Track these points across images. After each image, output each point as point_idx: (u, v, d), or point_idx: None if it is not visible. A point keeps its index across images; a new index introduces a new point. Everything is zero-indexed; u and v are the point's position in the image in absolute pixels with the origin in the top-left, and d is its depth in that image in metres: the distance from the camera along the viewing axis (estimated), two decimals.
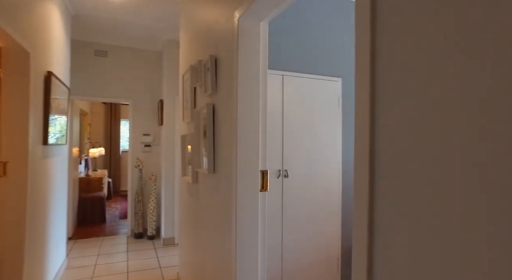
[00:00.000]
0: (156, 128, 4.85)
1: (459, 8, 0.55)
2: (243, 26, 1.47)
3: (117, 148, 8.27)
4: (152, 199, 4.42)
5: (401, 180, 0.66)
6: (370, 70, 0.72)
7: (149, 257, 3.76)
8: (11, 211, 2.03)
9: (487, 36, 0.51)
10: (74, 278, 3.16)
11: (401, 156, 0.66)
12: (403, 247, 0.65)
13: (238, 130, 1.47)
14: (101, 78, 4.55)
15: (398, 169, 0.67)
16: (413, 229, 0.63)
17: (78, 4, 3.36)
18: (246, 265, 1.52)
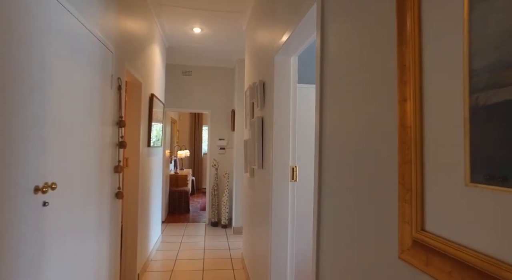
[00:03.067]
0: (229, 134, 5.71)
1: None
2: (278, 61, 2.05)
3: (199, 151, 9.56)
4: (225, 193, 5.26)
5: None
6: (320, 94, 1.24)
7: (221, 241, 4.56)
8: (130, 193, 2.97)
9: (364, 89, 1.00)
10: (167, 247, 4.12)
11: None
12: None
13: (274, 135, 2.06)
14: (187, 93, 5.61)
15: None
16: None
17: (171, 38, 4.38)
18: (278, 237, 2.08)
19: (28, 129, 1.17)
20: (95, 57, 1.85)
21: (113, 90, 2.17)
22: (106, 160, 2.08)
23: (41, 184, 1.25)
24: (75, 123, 1.60)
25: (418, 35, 0.64)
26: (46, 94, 1.30)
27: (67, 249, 1.54)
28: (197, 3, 3.28)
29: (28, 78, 1.18)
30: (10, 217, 1.08)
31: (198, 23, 3.84)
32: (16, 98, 1.10)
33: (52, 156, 1.36)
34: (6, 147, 1.05)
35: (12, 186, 1.09)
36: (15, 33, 1.09)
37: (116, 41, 2.25)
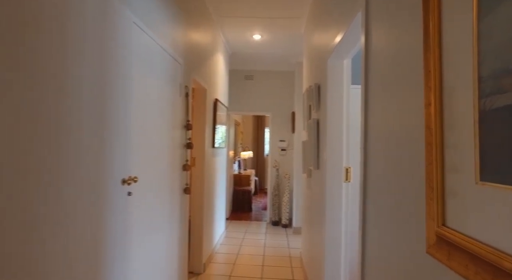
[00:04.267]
0: (289, 135, 5.82)
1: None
2: (330, 65, 2.11)
3: (262, 152, 9.85)
4: (286, 194, 5.38)
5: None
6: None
7: (281, 240, 4.69)
8: (197, 190, 3.29)
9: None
10: (230, 242, 4.41)
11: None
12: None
13: (328, 137, 2.12)
14: (249, 96, 5.89)
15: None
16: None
17: (234, 46, 4.68)
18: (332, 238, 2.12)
19: (117, 133, 1.46)
20: (167, 70, 2.14)
21: (181, 97, 2.46)
22: (176, 159, 2.38)
23: (126, 177, 1.54)
24: (151, 127, 1.89)
25: (438, 44, 0.68)
26: (130, 104, 1.59)
27: (146, 234, 1.83)
28: (257, 12, 3.47)
29: (117, 91, 1.46)
30: (107, 201, 1.37)
31: (258, 30, 4.04)
32: (110, 109, 1.38)
33: (134, 154, 1.65)
34: (104, 148, 1.33)
35: (107, 178, 1.37)
36: (108, 54, 1.38)
37: (184, 53, 2.54)
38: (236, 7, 3.37)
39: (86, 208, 1.23)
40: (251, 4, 3.27)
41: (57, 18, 1.06)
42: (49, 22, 1.02)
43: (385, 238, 1.08)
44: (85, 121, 1.22)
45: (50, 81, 1.03)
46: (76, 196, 1.16)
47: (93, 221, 1.28)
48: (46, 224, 1.02)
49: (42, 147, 1.00)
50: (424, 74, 0.74)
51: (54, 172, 1.05)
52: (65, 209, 1.10)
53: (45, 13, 1.01)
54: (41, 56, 0.99)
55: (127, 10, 1.56)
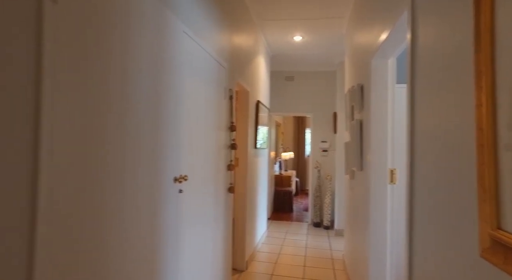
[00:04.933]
0: (331, 136, 5.73)
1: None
2: (374, 64, 2.07)
3: (303, 153, 9.79)
4: (327, 195, 5.31)
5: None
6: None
7: (322, 241, 4.64)
8: (240, 189, 3.39)
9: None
10: (271, 242, 4.46)
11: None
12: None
13: (371, 138, 2.08)
14: (290, 97, 5.90)
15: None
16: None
17: (275, 48, 4.73)
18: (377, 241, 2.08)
19: (170, 135, 1.58)
20: (213, 74, 2.26)
21: (226, 99, 2.57)
22: (221, 159, 2.49)
23: (178, 176, 1.66)
24: (199, 129, 2.01)
25: (490, 43, 0.67)
26: (180, 108, 1.71)
27: (194, 229, 1.95)
28: (298, 14, 3.49)
29: (169, 96, 1.59)
30: (161, 197, 1.49)
31: (299, 32, 4.05)
32: (163, 113, 1.51)
33: (184, 155, 1.77)
34: (159, 149, 1.46)
35: (162, 176, 1.50)
36: (162, 61, 1.51)
37: (228, 58, 2.65)
38: (277, 10, 3.42)
39: (144, 203, 1.35)
40: (293, 6, 3.30)
41: (121, 29, 1.19)
42: (113, 31, 1.16)
43: (434, 241, 1.06)
44: (143, 123, 1.34)
45: (114, 88, 1.16)
46: (136, 192, 1.29)
47: (150, 215, 1.41)
48: (114, 217, 1.15)
49: (110, 148, 1.13)
50: (475, 74, 0.73)
51: (118, 170, 1.18)
52: (127, 205, 1.23)
53: (111, 23, 1.14)
54: (107, 64, 1.13)
55: (178, 20, 1.68)
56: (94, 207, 1.05)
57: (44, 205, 0.86)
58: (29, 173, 0.82)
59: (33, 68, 0.82)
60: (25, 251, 0.81)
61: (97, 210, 1.07)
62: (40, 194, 0.84)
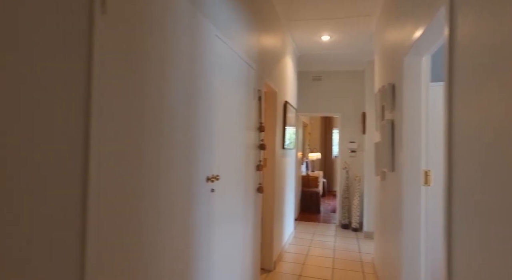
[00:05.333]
0: (360, 136, 5.61)
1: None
2: (407, 62, 2.01)
3: (330, 153, 9.65)
4: (356, 197, 5.21)
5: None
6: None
7: (351, 243, 4.56)
8: (268, 189, 3.42)
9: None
10: (299, 243, 4.45)
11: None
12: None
13: (404, 138, 2.02)
14: (317, 97, 5.85)
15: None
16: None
17: (302, 48, 4.72)
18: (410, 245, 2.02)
19: (202, 135, 1.64)
20: (242, 75, 2.30)
21: (255, 100, 2.60)
22: (250, 160, 2.52)
23: (210, 175, 1.71)
24: (230, 129, 2.06)
25: None
26: (213, 109, 1.77)
27: (225, 228, 2.00)
28: (326, 13, 3.47)
29: (202, 98, 1.64)
30: (195, 196, 1.55)
31: (326, 32, 4.02)
32: (196, 114, 1.57)
33: (215, 155, 1.82)
34: (193, 150, 1.52)
35: (195, 176, 1.55)
36: (195, 65, 1.56)
37: (257, 59, 2.68)
38: (305, 10, 3.42)
39: (178, 202, 1.41)
40: (321, 6, 3.29)
41: (159, 35, 1.26)
42: (152, 37, 1.22)
43: (476, 248, 1.02)
44: (177, 124, 1.40)
45: (153, 91, 1.23)
46: (170, 191, 1.35)
47: (184, 214, 1.47)
48: (150, 215, 1.21)
49: (147, 149, 1.19)
50: None
51: (154, 170, 1.24)
52: (162, 203, 1.30)
53: (150, 29, 1.21)
54: (146, 69, 1.19)
55: (210, 24, 1.73)
56: (133, 205, 1.12)
57: (93, 200, 0.92)
58: (81, 170, 0.89)
59: (84, 74, 0.90)
60: (78, 242, 0.88)
61: (135, 208, 1.13)
62: (90, 192, 0.91)
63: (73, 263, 0.87)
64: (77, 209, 0.88)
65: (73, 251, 0.87)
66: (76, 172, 0.88)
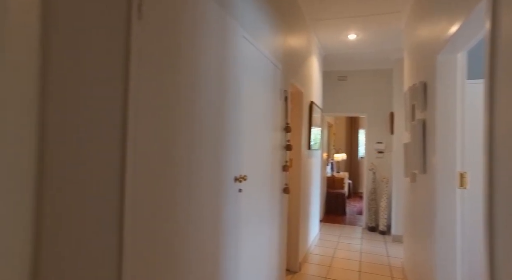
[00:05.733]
0: (387, 137, 5.46)
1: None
2: (441, 60, 1.93)
3: (356, 154, 9.45)
4: (383, 199, 5.06)
5: None
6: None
7: (378, 247, 4.44)
8: (293, 190, 3.40)
9: None
10: (324, 245, 4.39)
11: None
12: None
13: (437, 139, 1.94)
14: (343, 97, 5.75)
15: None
16: None
17: (327, 48, 4.66)
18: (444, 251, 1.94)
19: (231, 135, 1.66)
20: (269, 76, 2.30)
21: (281, 101, 2.60)
22: (277, 160, 2.52)
23: (238, 175, 1.73)
24: (257, 130, 2.07)
25: None
26: (241, 109, 1.78)
27: (252, 228, 2.01)
28: (353, 11, 3.40)
29: (231, 99, 1.66)
30: (224, 196, 1.57)
31: (353, 30, 3.94)
32: (225, 114, 1.59)
33: (243, 156, 1.83)
34: (222, 150, 1.54)
35: (224, 176, 1.58)
36: (224, 65, 1.59)
37: (283, 59, 2.68)
38: (331, 9, 3.37)
39: (208, 201, 1.44)
40: (347, 4, 3.23)
41: (190, 37, 1.29)
42: (184, 39, 1.25)
43: None
44: (207, 125, 1.43)
45: (184, 93, 1.26)
46: (200, 191, 1.38)
47: (213, 213, 1.49)
48: (182, 213, 1.24)
49: (179, 149, 1.22)
50: None
51: (185, 170, 1.27)
52: (193, 202, 1.32)
53: (182, 31, 1.24)
54: (178, 70, 1.22)
55: (238, 25, 1.75)
56: (165, 204, 1.15)
57: (129, 195, 0.96)
58: (118, 168, 0.93)
59: (122, 76, 0.93)
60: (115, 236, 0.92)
61: (168, 207, 1.16)
62: (126, 189, 0.94)
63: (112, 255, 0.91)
64: (115, 205, 0.92)
65: (112, 239, 0.91)
66: (114, 172, 0.92)
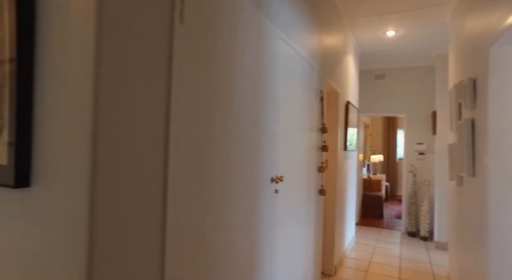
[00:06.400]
0: (429, 137, 5.17)
1: None
2: (494, 54, 1.79)
3: (393, 156, 9.06)
4: (425, 203, 4.80)
5: None
6: None
7: (420, 253, 4.21)
8: (329, 192, 3.33)
9: None
10: (360, 249, 4.25)
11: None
12: None
13: (489, 139, 1.80)
14: (380, 97, 5.54)
15: None
16: None
17: (364, 46, 4.51)
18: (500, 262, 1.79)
19: (268, 136, 1.66)
20: (305, 76, 2.27)
21: (317, 101, 2.55)
22: (312, 161, 2.48)
23: (274, 176, 1.72)
24: (293, 130, 2.05)
25: None
26: (277, 109, 1.78)
27: (287, 229, 1.99)
28: (392, 7, 3.26)
29: (267, 99, 1.66)
30: (260, 197, 1.58)
31: (392, 26, 3.78)
32: (261, 114, 1.59)
33: (279, 156, 1.83)
34: (258, 151, 1.55)
35: (260, 177, 1.58)
36: (261, 66, 1.59)
37: (319, 59, 2.63)
38: (368, 6, 3.26)
39: (244, 201, 1.45)
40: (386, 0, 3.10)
41: (228, 39, 1.30)
42: (222, 41, 1.27)
43: None
44: (244, 125, 1.44)
45: (221, 94, 1.28)
46: (237, 190, 1.39)
47: (250, 213, 1.50)
48: (220, 213, 1.26)
49: (217, 149, 1.24)
50: None
51: (222, 169, 1.28)
52: (229, 202, 1.34)
53: (220, 34, 1.26)
54: (216, 72, 1.24)
55: (274, 26, 1.75)
56: (203, 203, 1.17)
57: (171, 195, 0.99)
58: (162, 169, 0.96)
59: (165, 78, 0.97)
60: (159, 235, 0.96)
61: (205, 207, 1.19)
62: (169, 189, 0.98)
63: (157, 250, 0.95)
64: (159, 200, 0.95)
65: (155, 238, 0.94)
66: (157, 172, 0.95)
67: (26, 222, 0.80)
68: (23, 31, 0.74)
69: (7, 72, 0.76)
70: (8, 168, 0.77)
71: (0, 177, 0.78)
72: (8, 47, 0.74)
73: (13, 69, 0.75)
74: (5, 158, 0.77)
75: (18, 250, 0.81)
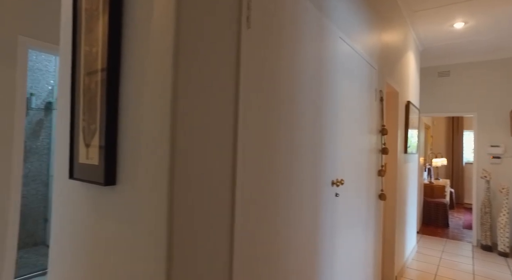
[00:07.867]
0: (506, 139, 4.62)
1: None
2: None
3: (459, 159, 8.27)
4: (503, 213, 4.29)
5: None
6: None
7: (499, 271, 3.76)
8: (388, 197, 3.15)
9: None
10: (423, 259, 3.95)
11: None
12: None
13: None
14: (444, 95, 5.10)
15: None
16: None
17: (425, 41, 4.20)
18: None
19: (328, 139, 1.62)
20: (364, 76, 2.19)
21: (376, 101, 2.44)
22: (372, 164, 2.37)
23: (334, 179, 1.68)
24: (352, 132, 1.98)
25: None
26: (336, 112, 1.73)
27: (347, 233, 1.92)
28: None
29: (328, 101, 1.63)
30: (321, 200, 1.55)
31: (460, 17, 3.47)
32: (322, 116, 1.56)
33: (339, 159, 1.77)
34: (319, 155, 1.52)
35: (321, 180, 1.55)
36: (321, 67, 1.56)
37: (378, 58, 2.51)
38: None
39: (306, 204, 1.43)
40: None
41: (291, 41, 1.30)
42: (285, 43, 1.27)
43: None
44: (306, 127, 1.42)
45: (286, 99, 1.27)
46: (300, 194, 1.37)
47: (311, 216, 1.47)
48: (283, 215, 1.26)
49: (281, 153, 1.24)
50: None
51: (286, 173, 1.28)
52: (293, 205, 1.33)
53: (284, 36, 1.26)
54: (280, 75, 1.24)
55: (334, 27, 1.71)
56: (267, 206, 1.18)
57: (239, 199, 1.01)
58: (230, 174, 0.99)
59: (233, 83, 0.99)
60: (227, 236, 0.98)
61: (269, 209, 1.19)
62: (237, 192, 1.00)
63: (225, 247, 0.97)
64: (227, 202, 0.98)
65: (224, 239, 0.97)
66: (226, 176, 0.98)
67: (113, 215, 0.88)
68: (113, 46, 0.82)
69: (99, 81, 0.84)
70: (99, 168, 0.85)
71: (93, 175, 0.87)
72: (101, 58, 0.82)
73: (104, 78, 0.83)
74: (96, 159, 0.86)
75: (110, 237, 0.90)
